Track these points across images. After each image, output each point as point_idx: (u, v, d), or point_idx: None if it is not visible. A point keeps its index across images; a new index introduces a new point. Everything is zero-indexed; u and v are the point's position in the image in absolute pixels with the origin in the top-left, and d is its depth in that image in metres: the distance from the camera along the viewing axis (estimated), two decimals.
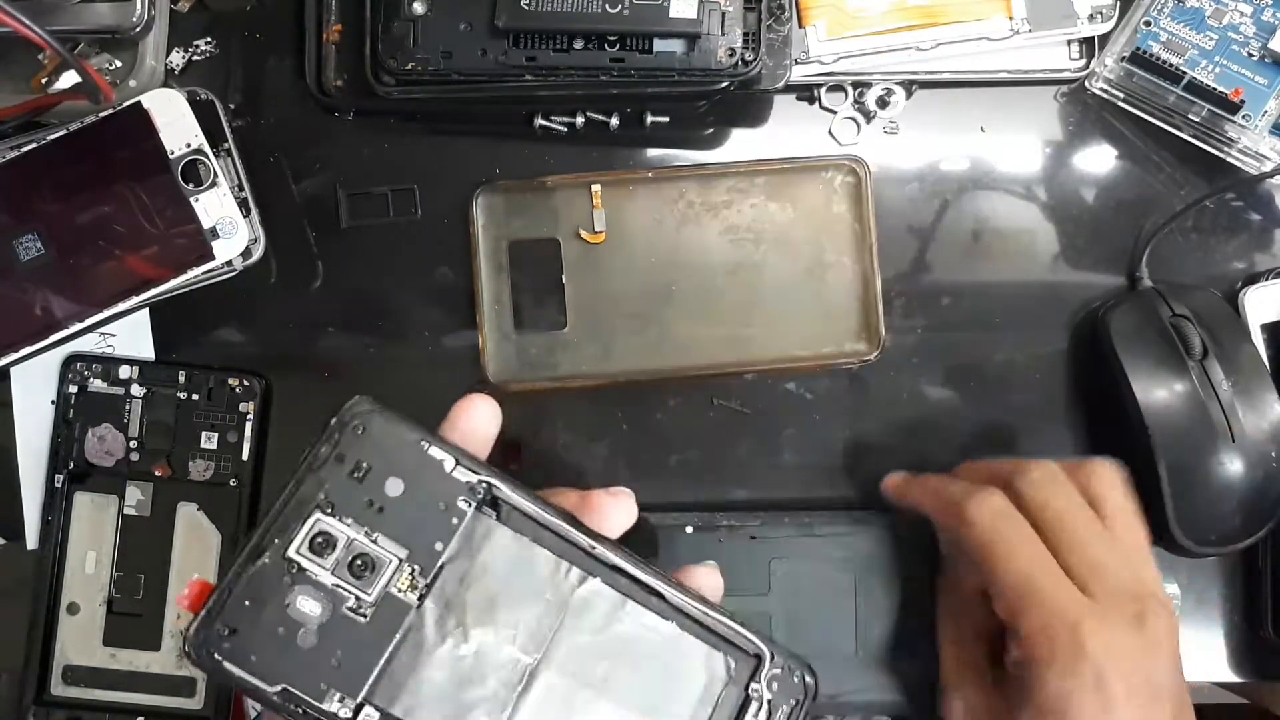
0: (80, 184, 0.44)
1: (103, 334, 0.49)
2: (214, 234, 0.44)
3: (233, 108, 0.49)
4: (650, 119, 0.50)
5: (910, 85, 0.50)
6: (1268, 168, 0.48)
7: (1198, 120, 0.48)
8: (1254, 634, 0.50)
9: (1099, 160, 0.51)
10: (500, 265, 0.50)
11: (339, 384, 0.50)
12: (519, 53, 0.45)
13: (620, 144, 0.50)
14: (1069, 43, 0.50)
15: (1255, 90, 0.48)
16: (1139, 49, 0.48)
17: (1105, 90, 0.50)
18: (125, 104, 0.44)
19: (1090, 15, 0.48)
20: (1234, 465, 0.45)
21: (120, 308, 0.44)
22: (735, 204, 0.50)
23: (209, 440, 0.49)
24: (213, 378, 0.49)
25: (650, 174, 0.50)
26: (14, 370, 0.48)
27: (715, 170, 0.50)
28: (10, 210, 0.44)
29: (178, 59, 0.49)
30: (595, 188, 0.49)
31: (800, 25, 0.48)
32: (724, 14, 0.44)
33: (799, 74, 0.48)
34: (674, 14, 0.44)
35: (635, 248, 0.50)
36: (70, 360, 0.49)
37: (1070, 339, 0.51)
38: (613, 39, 0.45)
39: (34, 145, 0.44)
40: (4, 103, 0.45)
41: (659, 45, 0.45)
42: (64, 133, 0.44)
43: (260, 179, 0.47)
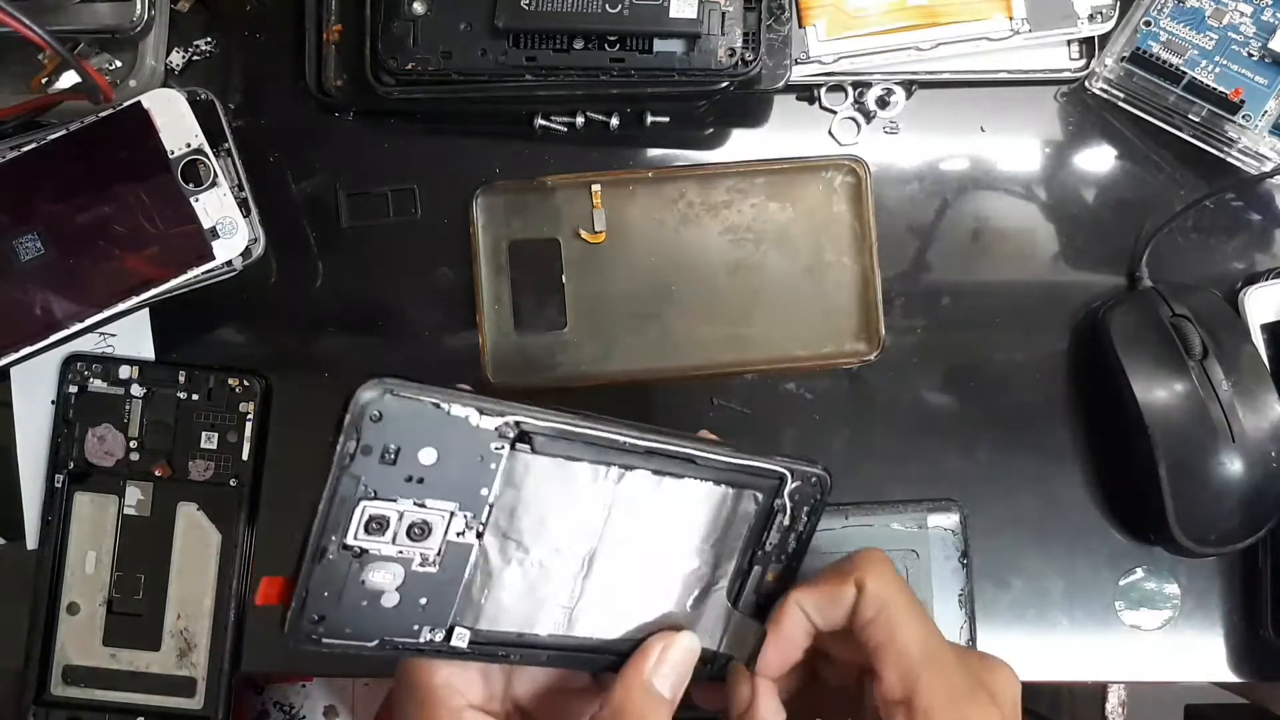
0: (80, 184, 0.44)
1: (103, 334, 0.49)
2: (214, 234, 0.44)
3: (233, 108, 0.50)
4: (650, 119, 0.50)
5: (910, 85, 0.50)
6: (1268, 168, 0.48)
7: (1198, 120, 0.48)
8: (1253, 634, 0.50)
9: (1099, 160, 0.51)
10: (500, 265, 0.50)
11: (339, 384, 0.49)
12: (519, 53, 0.45)
13: (620, 144, 0.50)
14: (1069, 43, 0.50)
15: (1255, 90, 0.48)
16: (1139, 49, 0.48)
17: (1105, 90, 0.50)
18: (125, 104, 0.44)
19: (1090, 15, 0.48)
20: (1234, 465, 0.45)
21: (120, 308, 0.44)
22: (735, 204, 0.50)
23: (209, 440, 0.49)
24: (213, 378, 0.49)
25: (650, 174, 0.50)
26: (14, 370, 0.48)
27: (715, 170, 0.50)
28: (10, 210, 0.44)
29: (178, 59, 0.49)
30: (595, 188, 0.49)
31: (800, 25, 0.48)
32: (724, 14, 0.44)
33: (799, 74, 0.48)
34: (674, 14, 0.44)
35: (635, 248, 0.50)
36: (70, 360, 0.49)
37: (1070, 339, 0.51)
38: (613, 39, 0.45)
39: (34, 145, 0.44)
40: (4, 103, 0.45)
41: (659, 45, 0.45)
42: (64, 133, 0.44)
43: (260, 179, 0.47)
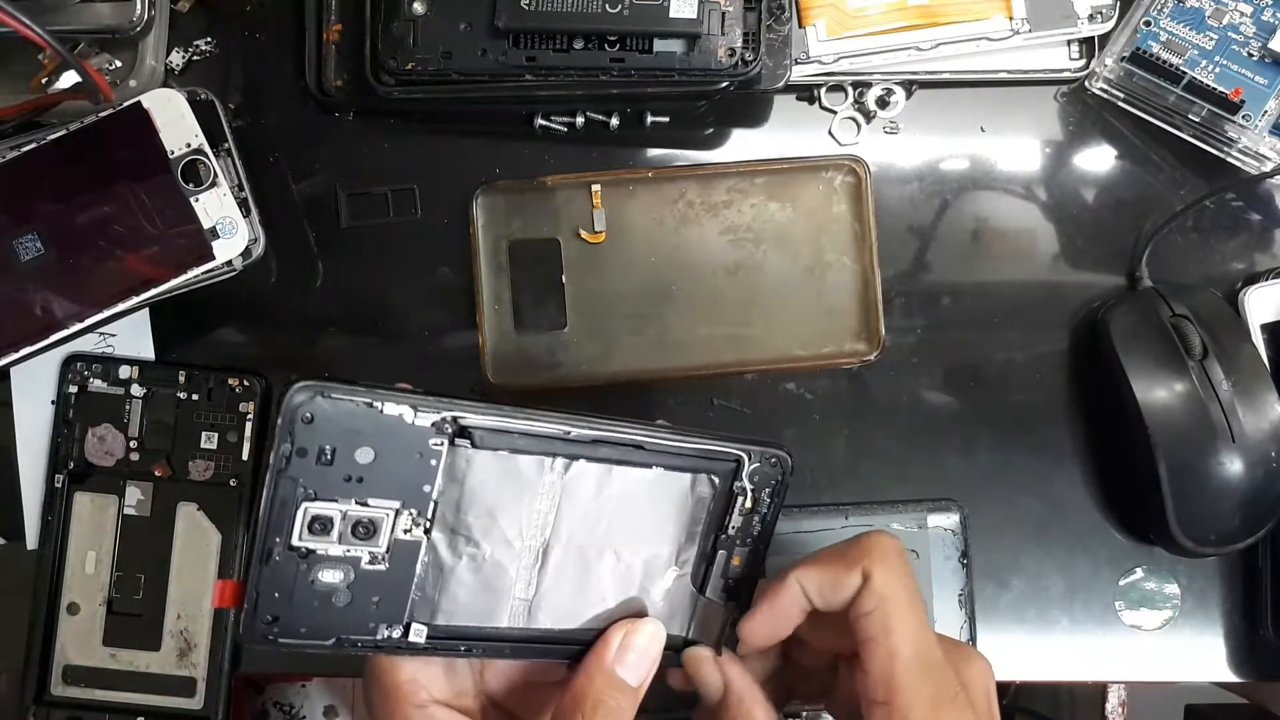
0: (80, 184, 0.44)
1: (103, 334, 0.49)
2: (214, 234, 0.44)
3: (233, 107, 0.50)
4: (650, 119, 0.50)
5: (910, 85, 0.50)
6: (1268, 167, 0.48)
7: (1198, 120, 0.48)
8: (1253, 634, 0.50)
9: (1099, 160, 0.51)
10: (500, 265, 0.50)
11: None
12: (519, 53, 0.44)
13: (620, 144, 0.50)
14: (1069, 43, 0.50)
15: (1255, 90, 0.48)
16: (1139, 49, 0.48)
17: (1105, 90, 0.50)
18: (125, 104, 0.44)
19: (1090, 15, 0.48)
20: (1234, 465, 0.45)
21: (120, 308, 0.44)
22: (735, 204, 0.50)
23: (209, 440, 0.49)
24: (213, 378, 0.49)
25: (650, 174, 0.50)
26: (14, 370, 0.47)
27: (715, 170, 0.50)
28: (10, 210, 0.43)
29: (178, 59, 0.49)
30: (595, 187, 0.49)
31: (800, 25, 0.48)
32: (724, 14, 0.44)
33: (799, 74, 0.48)
34: (674, 14, 0.44)
35: (635, 248, 0.50)
36: (70, 360, 0.49)
37: (1070, 339, 0.51)
38: (613, 39, 0.45)
39: (34, 145, 0.44)
40: (4, 103, 0.45)
41: (659, 45, 0.45)
42: (64, 133, 0.44)
43: (260, 179, 0.47)
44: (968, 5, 0.48)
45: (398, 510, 0.32)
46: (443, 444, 0.32)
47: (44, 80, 0.47)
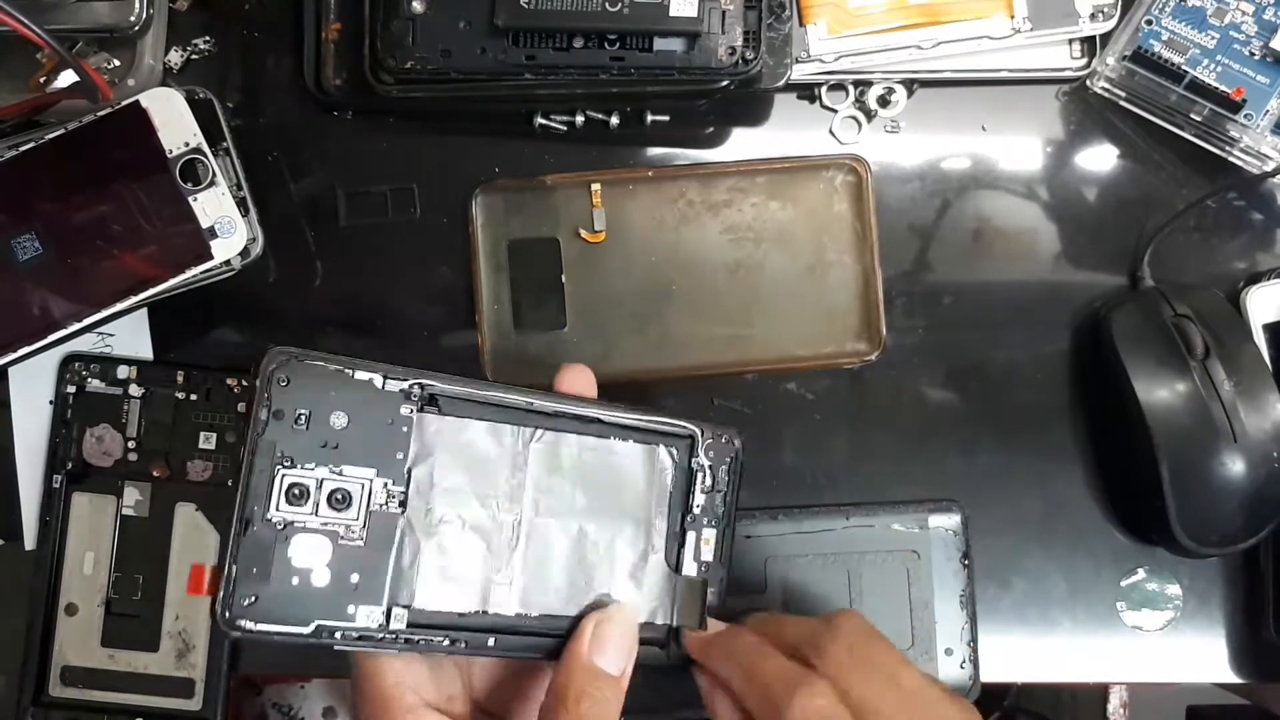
0: (78, 183, 0.43)
1: (101, 334, 0.49)
2: (212, 233, 0.44)
3: (231, 107, 0.49)
4: (650, 118, 0.50)
5: (911, 84, 0.50)
6: (1269, 167, 0.48)
7: (1199, 119, 0.48)
8: (1255, 635, 0.50)
9: (1101, 159, 0.51)
10: (500, 265, 0.50)
11: None
12: (518, 51, 0.44)
13: (620, 143, 0.50)
14: (1070, 42, 0.50)
15: (1257, 89, 0.48)
16: (1140, 48, 0.48)
17: (1107, 89, 0.50)
18: (123, 103, 0.44)
19: (1092, 14, 0.48)
20: (1236, 465, 0.45)
21: (118, 307, 0.44)
22: (736, 203, 0.50)
23: (207, 440, 0.49)
24: (211, 378, 0.49)
25: (650, 173, 0.50)
26: (12, 370, 0.47)
27: (715, 169, 0.50)
28: (8, 210, 0.43)
29: (176, 58, 0.49)
30: (595, 187, 0.49)
31: (801, 24, 0.48)
32: (724, 12, 0.44)
33: (800, 73, 0.48)
34: (674, 12, 0.44)
35: (635, 247, 0.50)
36: (68, 360, 0.49)
37: (1072, 339, 0.51)
38: (613, 37, 0.44)
39: (32, 144, 0.43)
40: (2, 102, 0.45)
41: (659, 44, 0.45)
42: (62, 132, 0.44)
43: (259, 178, 0.47)
44: (969, 4, 0.48)
45: (371, 480, 0.33)
46: (412, 411, 0.33)
47: (42, 79, 0.47)
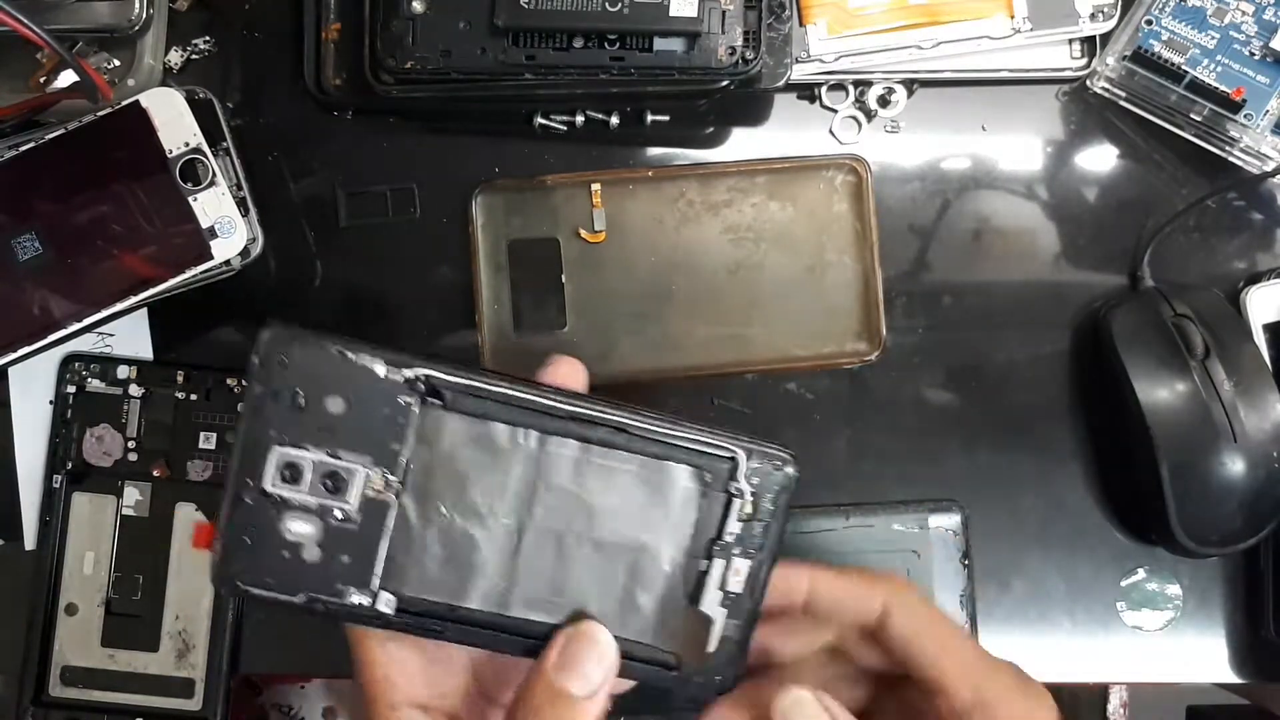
0: (78, 183, 0.43)
1: (101, 334, 0.49)
2: (212, 233, 0.44)
3: (231, 107, 0.49)
4: (650, 118, 0.50)
5: (911, 84, 0.50)
6: (1269, 167, 0.48)
7: (1199, 119, 0.48)
8: (1255, 634, 0.50)
9: (1100, 159, 0.51)
10: (500, 265, 0.50)
11: None
12: (518, 51, 0.44)
13: (620, 143, 0.50)
14: (1070, 42, 0.50)
15: (1257, 89, 0.48)
16: (1140, 48, 0.48)
17: (1107, 89, 0.50)
18: (123, 103, 0.44)
19: (1091, 14, 0.48)
20: (1236, 465, 0.45)
21: (118, 307, 0.44)
22: (736, 203, 0.50)
23: (207, 440, 0.49)
24: (211, 378, 0.49)
25: (650, 173, 0.50)
26: (12, 370, 0.47)
27: (715, 169, 0.50)
28: (8, 209, 0.43)
29: (176, 58, 0.49)
30: (595, 187, 0.49)
31: (801, 24, 0.48)
32: (724, 12, 0.44)
33: (800, 73, 0.48)
34: (674, 12, 0.44)
35: (635, 247, 0.50)
36: (68, 360, 0.49)
37: (1072, 339, 0.50)
38: (612, 37, 0.44)
39: (32, 144, 0.43)
40: (2, 102, 0.45)
41: (659, 44, 0.45)
42: (62, 132, 0.44)
43: (259, 178, 0.47)
44: (969, 4, 0.48)
45: (368, 467, 0.32)
46: (414, 402, 0.32)
47: (42, 79, 0.47)
